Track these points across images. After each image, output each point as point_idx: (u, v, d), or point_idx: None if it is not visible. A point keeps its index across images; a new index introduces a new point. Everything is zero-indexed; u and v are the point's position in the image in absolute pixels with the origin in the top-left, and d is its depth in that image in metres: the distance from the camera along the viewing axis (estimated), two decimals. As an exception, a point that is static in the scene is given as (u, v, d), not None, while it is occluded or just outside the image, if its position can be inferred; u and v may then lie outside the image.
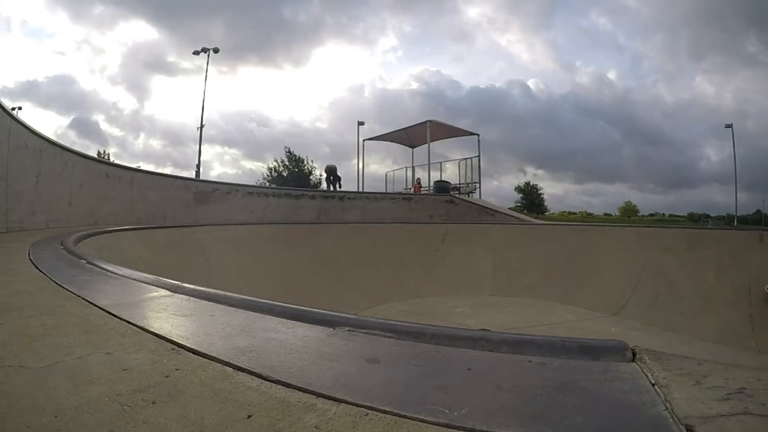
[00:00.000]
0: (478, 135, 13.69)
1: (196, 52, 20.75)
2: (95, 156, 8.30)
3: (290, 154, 28.93)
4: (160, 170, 8.11)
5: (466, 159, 13.07)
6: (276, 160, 29.25)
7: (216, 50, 20.83)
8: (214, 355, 0.44)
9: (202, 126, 20.03)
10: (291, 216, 8.72)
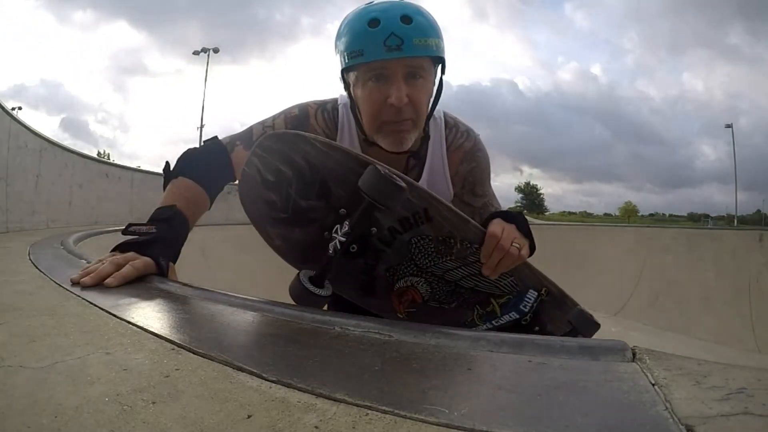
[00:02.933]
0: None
1: (195, 52, 20.79)
2: (95, 156, 8.30)
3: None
4: (153, 170, 8.09)
5: (466, 159, 13.05)
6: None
7: (216, 50, 20.86)
8: (214, 355, 0.44)
9: (202, 126, 20.07)
10: (291, 216, 8.68)
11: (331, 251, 0.71)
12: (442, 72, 0.88)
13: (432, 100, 0.89)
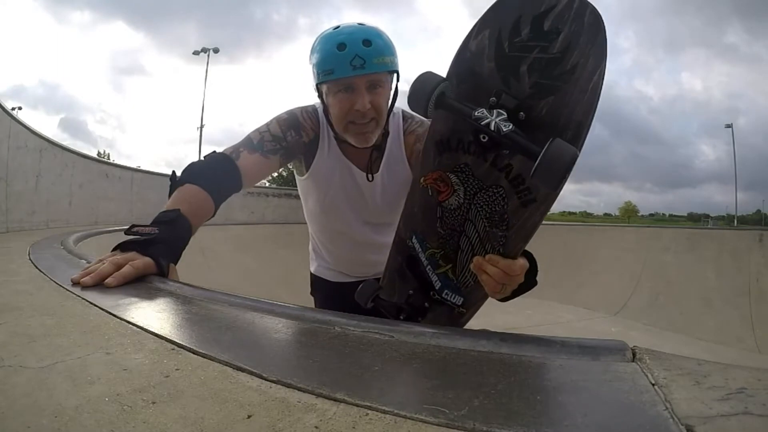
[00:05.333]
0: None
1: (195, 52, 20.81)
2: (95, 156, 8.30)
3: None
4: (153, 170, 8.12)
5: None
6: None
7: (216, 50, 20.87)
8: (214, 355, 0.44)
9: (202, 126, 20.07)
10: (291, 216, 8.71)
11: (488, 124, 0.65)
12: (397, 80, 1.06)
13: (390, 102, 1.06)
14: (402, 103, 1.08)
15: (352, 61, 0.94)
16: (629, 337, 0.51)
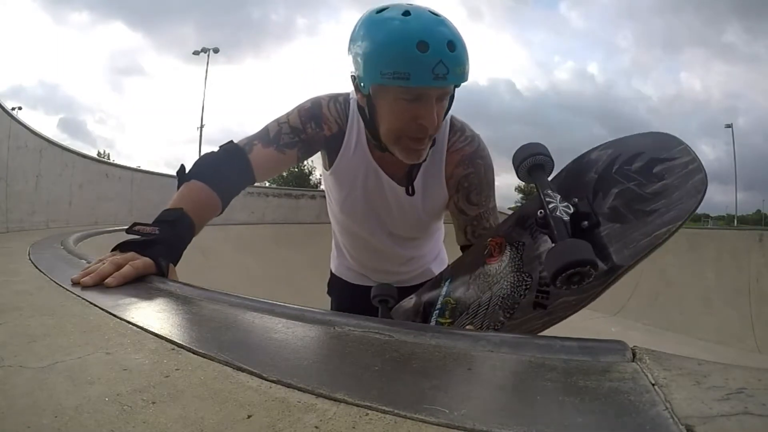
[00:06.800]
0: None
1: (195, 53, 20.83)
2: (95, 156, 8.30)
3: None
4: (153, 170, 8.11)
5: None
6: (276, 160, 29.27)
7: (216, 50, 20.87)
8: (213, 355, 0.44)
9: (202, 126, 20.08)
10: (291, 216, 8.71)
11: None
12: (457, 85, 0.89)
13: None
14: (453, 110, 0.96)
15: (435, 68, 0.74)
16: (629, 337, 0.51)
